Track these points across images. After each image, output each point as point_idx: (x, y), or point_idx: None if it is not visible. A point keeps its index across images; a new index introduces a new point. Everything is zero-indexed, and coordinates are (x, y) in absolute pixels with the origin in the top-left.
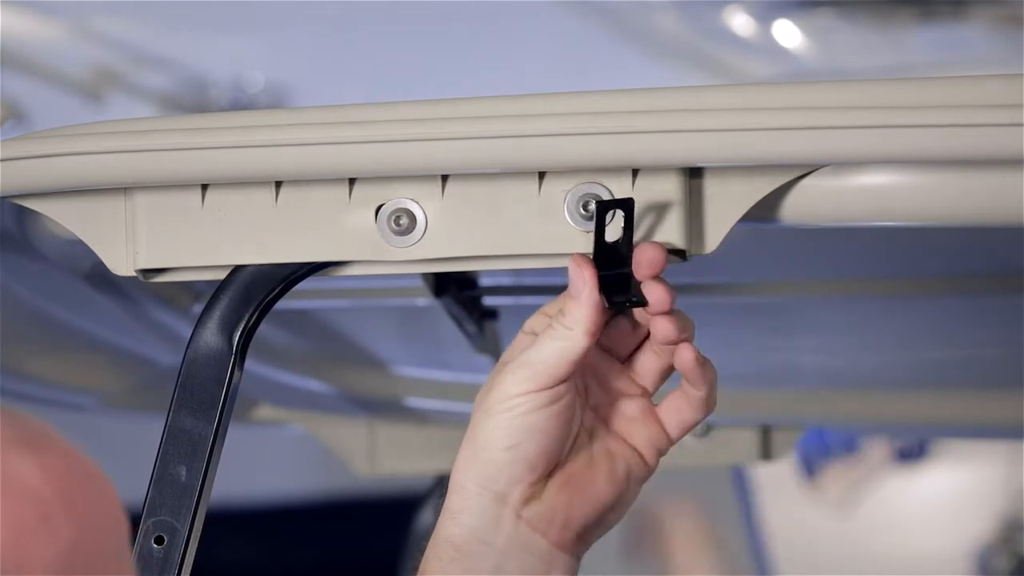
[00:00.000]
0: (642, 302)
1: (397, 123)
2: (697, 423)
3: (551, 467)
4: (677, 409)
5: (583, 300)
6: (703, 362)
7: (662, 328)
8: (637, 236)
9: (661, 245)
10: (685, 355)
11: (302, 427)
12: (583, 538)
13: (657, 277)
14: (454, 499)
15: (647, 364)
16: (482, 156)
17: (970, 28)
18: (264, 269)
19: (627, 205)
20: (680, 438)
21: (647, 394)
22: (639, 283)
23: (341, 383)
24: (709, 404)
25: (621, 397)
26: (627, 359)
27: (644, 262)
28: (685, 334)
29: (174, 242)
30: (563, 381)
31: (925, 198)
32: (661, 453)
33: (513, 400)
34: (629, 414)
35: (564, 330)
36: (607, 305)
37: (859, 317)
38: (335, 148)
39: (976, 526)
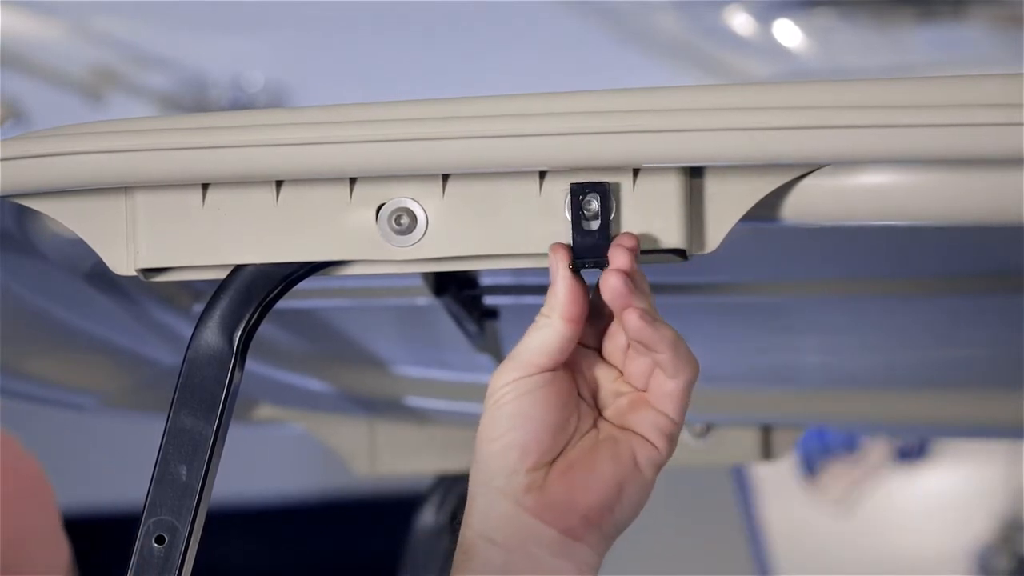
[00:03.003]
0: (601, 263)
1: (397, 123)
2: (681, 389)
3: (548, 455)
4: (657, 383)
5: (557, 288)
6: (651, 320)
7: (608, 287)
8: (640, 235)
9: (636, 236)
10: (630, 319)
11: (302, 427)
12: (595, 525)
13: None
14: (467, 505)
15: (636, 366)
16: (482, 156)
17: (970, 28)
18: (264, 269)
19: (601, 189)
20: (676, 412)
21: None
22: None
23: (341, 383)
24: (679, 364)
25: (620, 397)
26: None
27: (618, 253)
28: (628, 299)
29: (174, 241)
30: (548, 369)
31: (925, 198)
32: (668, 435)
33: (499, 392)
34: (627, 407)
35: (544, 319)
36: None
37: (859, 317)
38: (335, 148)
39: (976, 526)
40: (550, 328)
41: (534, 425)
